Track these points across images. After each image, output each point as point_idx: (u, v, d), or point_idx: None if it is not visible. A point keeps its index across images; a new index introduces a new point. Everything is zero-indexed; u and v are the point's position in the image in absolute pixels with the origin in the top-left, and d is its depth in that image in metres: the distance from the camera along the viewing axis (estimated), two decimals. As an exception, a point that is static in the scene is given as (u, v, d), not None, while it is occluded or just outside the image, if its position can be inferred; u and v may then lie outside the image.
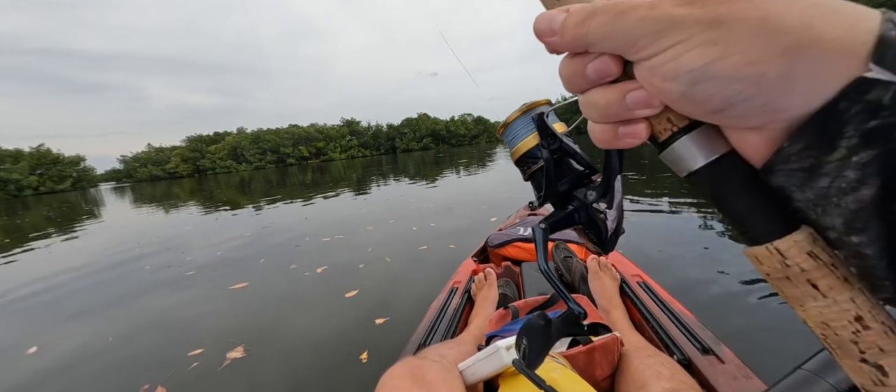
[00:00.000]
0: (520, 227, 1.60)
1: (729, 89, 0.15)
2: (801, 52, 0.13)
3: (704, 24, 0.14)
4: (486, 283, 1.21)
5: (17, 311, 2.84)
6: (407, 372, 0.58)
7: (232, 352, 1.80)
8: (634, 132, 0.19)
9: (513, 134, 0.31)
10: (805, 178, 0.15)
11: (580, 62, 0.19)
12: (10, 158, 47.96)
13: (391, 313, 1.98)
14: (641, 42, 0.16)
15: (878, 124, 0.13)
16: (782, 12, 0.13)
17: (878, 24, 0.13)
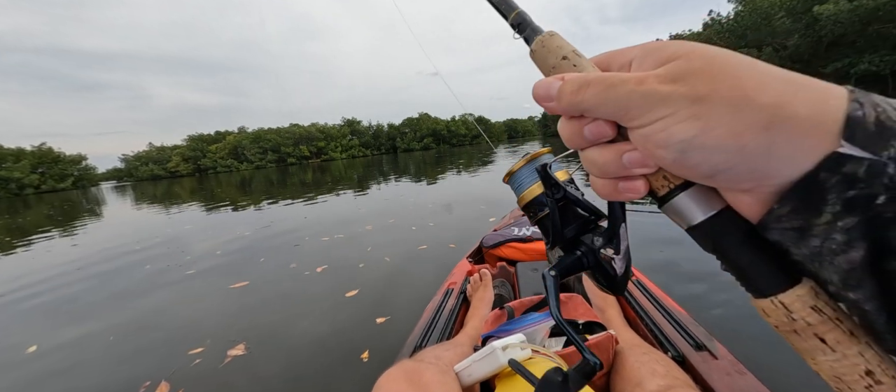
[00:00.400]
0: (514, 228, 1.61)
1: (716, 158, 0.16)
2: (778, 127, 0.15)
3: (689, 100, 0.16)
4: (481, 283, 1.21)
5: (17, 309, 2.86)
6: (403, 375, 0.59)
7: (233, 350, 1.82)
8: (634, 188, 0.20)
9: (518, 182, 0.33)
10: (798, 237, 0.16)
11: (577, 124, 0.20)
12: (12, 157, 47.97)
13: (392, 313, 2.00)
14: (633, 113, 0.17)
15: (856, 194, 0.14)
16: (757, 90, 0.15)
17: (845, 102, 0.15)
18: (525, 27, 0.28)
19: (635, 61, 0.19)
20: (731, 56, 0.16)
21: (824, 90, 0.15)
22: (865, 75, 17.69)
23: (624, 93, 0.18)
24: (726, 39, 25.15)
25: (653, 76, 0.17)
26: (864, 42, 17.69)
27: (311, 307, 2.25)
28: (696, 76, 0.16)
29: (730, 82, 0.16)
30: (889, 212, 0.14)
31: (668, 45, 0.18)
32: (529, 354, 0.68)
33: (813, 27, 19.04)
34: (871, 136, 0.14)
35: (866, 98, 0.15)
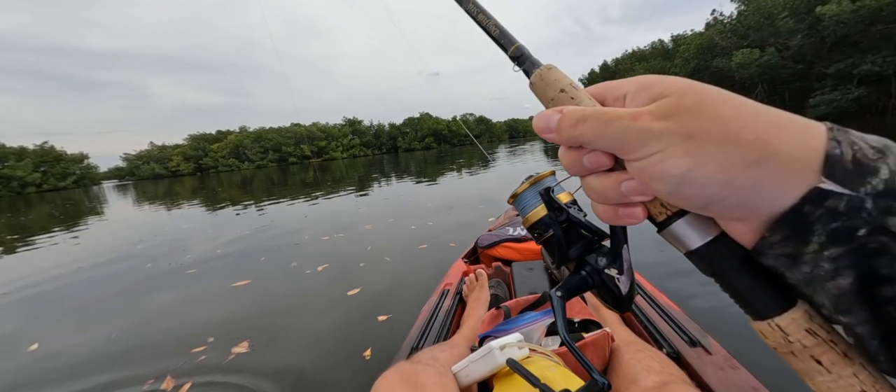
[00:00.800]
0: (509, 228, 1.61)
1: (708, 191, 0.17)
2: (764, 164, 0.16)
3: (680, 137, 0.17)
4: (477, 284, 1.21)
5: (19, 308, 2.87)
6: (400, 377, 0.59)
7: (237, 347, 1.84)
8: (633, 214, 0.21)
9: (522, 204, 0.34)
10: (790, 263, 0.17)
11: (577, 154, 0.21)
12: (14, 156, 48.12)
13: (393, 311, 2.01)
14: (628, 147, 0.18)
15: (839, 226, 0.15)
16: (742, 129, 0.16)
17: (824, 141, 0.16)
18: (524, 60, 0.29)
19: (629, 95, 0.20)
20: (719, 94, 0.17)
21: (805, 128, 0.16)
22: (868, 75, 17.59)
23: (620, 128, 0.18)
24: (728, 39, 25.03)
25: (646, 113, 0.18)
26: (868, 42, 17.59)
27: (313, 306, 2.26)
28: (686, 114, 0.17)
29: (717, 121, 0.16)
30: (872, 243, 0.15)
31: (660, 81, 0.19)
32: (527, 353, 0.68)
33: (816, 27, 18.94)
34: (849, 173, 0.15)
35: (844, 136, 0.16)
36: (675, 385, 0.59)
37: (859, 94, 18.15)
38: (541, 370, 0.59)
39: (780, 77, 22.34)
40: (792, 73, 21.75)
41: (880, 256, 0.15)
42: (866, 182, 0.15)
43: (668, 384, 0.59)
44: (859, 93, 18.15)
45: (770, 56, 21.64)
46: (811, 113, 19.83)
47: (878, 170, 0.15)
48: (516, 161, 12.80)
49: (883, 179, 0.15)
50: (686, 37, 35.78)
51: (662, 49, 44.50)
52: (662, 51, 44.09)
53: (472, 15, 0.34)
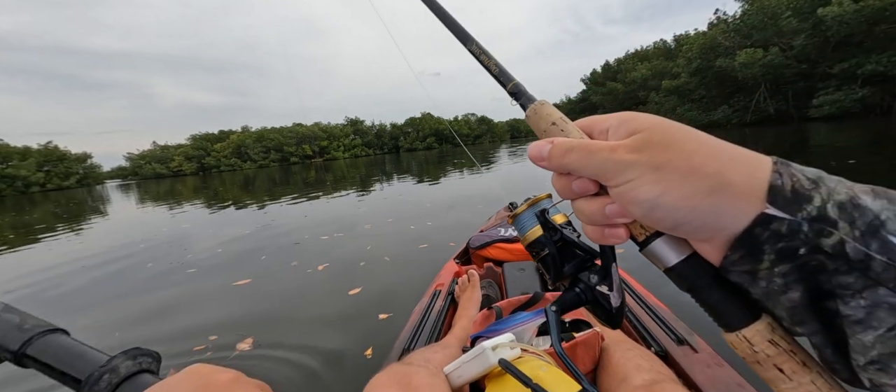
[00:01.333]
0: (501, 229, 1.62)
1: (675, 215, 0.20)
2: (720, 192, 0.18)
3: (650, 167, 0.20)
4: (469, 284, 1.22)
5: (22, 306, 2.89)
6: (392, 379, 0.59)
7: (241, 343, 1.86)
8: (616, 234, 0.24)
9: (521, 224, 0.36)
10: (750, 279, 0.19)
11: (566, 180, 0.24)
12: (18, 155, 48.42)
13: (394, 310, 2.03)
14: (608, 175, 0.21)
15: (784, 246, 0.17)
16: (703, 163, 0.19)
17: (769, 173, 0.18)
18: (520, 95, 0.32)
19: (611, 129, 0.23)
20: (684, 131, 0.20)
21: (754, 162, 0.19)
22: (873, 75, 17.45)
23: (600, 159, 0.21)
24: (732, 39, 24.89)
25: (622, 146, 0.21)
26: (872, 42, 17.47)
27: (315, 304, 2.28)
28: (655, 148, 0.20)
29: (682, 155, 0.19)
30: (812, 262, 0.17)
31: (635, 118, 0.22)
32: (519, 354, 0.68)
33: (820, 27, 18.81)
34: (789, 200, 0.17)
35: (785, 169, 0.18)
36: (665, 383, 0.59)
37: (863, 94, 18.00)
38: (533, 370, 0.59)
39: (783, 77, 22.19)
40: (795, 73, 21.61)
41: (820, 273, 0.17)
42: (803, 208, 0.17)
43: (658, 383, 0.60)
44: (863, 93, 18.00)
45: (773, 56, 21.51)
46: (815, 113, 19.74)
47: (813, 198, 0.17)
48: (517, 161, 12.78)
49: (816, 206, 0.17)
50: (689, 36, 35.63)
51: (665, 49, 44.34)
52: (665, 50, 43.93)
53: (476, 55, 0.37)
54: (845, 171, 4.72)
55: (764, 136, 12.79)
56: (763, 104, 24.08)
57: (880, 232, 0.16)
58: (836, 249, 0.16)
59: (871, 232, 0.16)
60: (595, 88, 51.27)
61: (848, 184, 0.18)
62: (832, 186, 0.18)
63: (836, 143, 8.27)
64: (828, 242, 0.17)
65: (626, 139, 0.21)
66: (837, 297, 0.17)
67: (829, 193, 0.17)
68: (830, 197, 0.17)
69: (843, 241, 0.16)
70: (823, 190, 0.17)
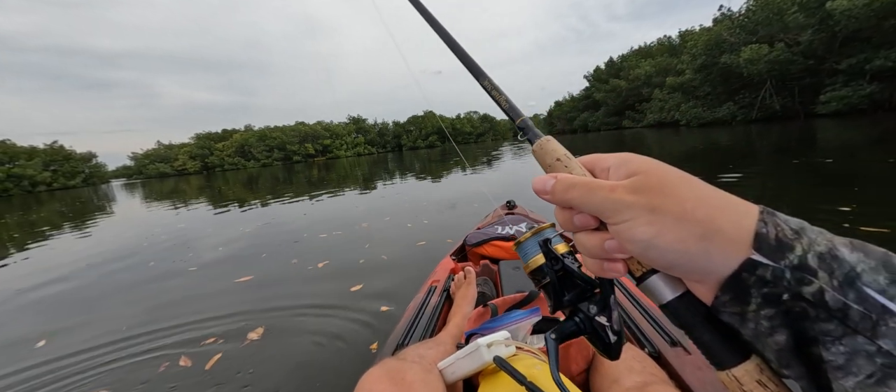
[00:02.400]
0: (498, 226, 1.60)
1: (669, 256, 0.21)
2: (711, 238, 0.19)
3: (646, 209, 0.21)
4: (464, 281, 1.21)
5: (27, 303, 2.92)
6: (385, 374, 0.58)
7: (252, 333, 1.89)
8: (615, 268, 0.25)
9: (524, 252, 0.37)
10: (740, 320, 0.20)
11: (569, 214, 0.25)
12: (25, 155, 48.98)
13: (395, 305, 2.05)
14: (607, 213, 0.23)
15: (769, 291, 0.18)
16: (695, 208, 0.20)
17: (755, 221, 0.19)
18: (528, 131, 0.34)
19: (612, 169, 0.24)
20: (679, 177, 0.21)
21: (743, 209, 0.20)
22: (881, 71, 17.19)
23: (600, 197, 0.23)
24: (737, 35, 24.62)
25: (621, 186, 0.22)
26: (881, 37, 17.18)
27: (318, 300, 2.30)
28: (651, 191, 0.21)
29: (676, 200, 0.20)
30: (796, 307, 0.18)
31: (634, 160, 0.23)
32: (514, 351, 0.67)
33: (827, 22, 18.55)
34: (773, 248, 0.18)
35: (770, 218, 0.19)
36: (657, 385, 0.59)
37: (871, 90, 17.74)
38: (527, 368, 0.58)
39: (789, 73, 21.91)
40: (802, 69, 21.33)
41: (804, 319, 0.18)
42: (786, 256, 0.18)
43: (650, 384, 0.59)
44: (871, 89, 17.74)
45: (779, 52, 21.25)
46: (822, 110, 19.50)
47: (794, 247, 0.18)
48: (518, 160, 12.74)
49: (798, 255, 0.18)
50: (693, 33, 35.31)
51: (669, 45, 43.96)
52: (669, 47, 43.56)
53: (488, 90, 0.39)
54: (847, 169, 4.66)
55: (769, 133, 12.64)
56: (769, 101, 23.83)
57: (856, 283, 0.17)
58: (816, 297, 0.17)
59: (848, 282, 0.17)
60: (598, 85, 50.97)
61: (828, 235, 0.19)
62: (813, 237, 0.18)
63: (843, 140, 8.16)
64: (809, 290, 0.17)
65: (625, 180, 0.22)
66: (820, 343, 0.17)
67: (810, 244, 0.18)
68: (811, 247, 0.18)
69: (822, 289, 0.17)
70: (805, 240, 0.18)
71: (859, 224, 2.50)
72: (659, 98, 35.93)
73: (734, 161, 6.56)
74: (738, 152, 7.98)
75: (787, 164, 5.56)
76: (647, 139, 17.18)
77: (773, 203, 3.37)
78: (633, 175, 0.22)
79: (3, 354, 2.04)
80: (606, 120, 49.85)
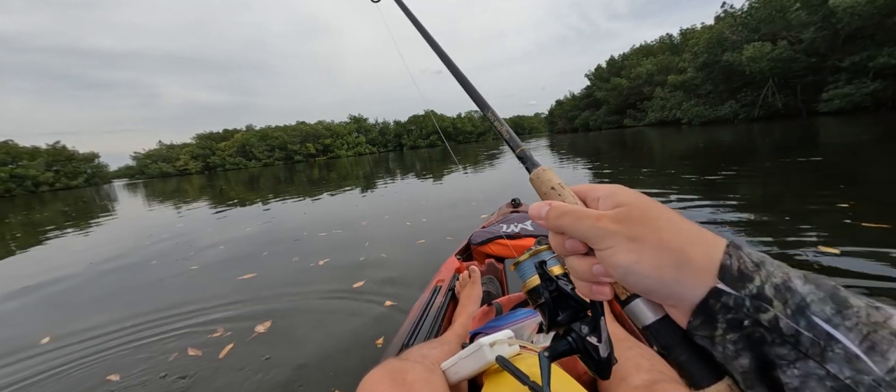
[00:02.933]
0: (503, 225, 1.59)
1: (646, 282, 0.23)
2: (683, 267, 0.22)
3: (626, 237, 0.23)
4: (469, 280, 1.21)
5: (33, 302, 2.93)
6: (386, 375, 0.58)
7: (260, 326, 1.92)
8: (602, 291, 0.27)
9: (522, 271, 0.39)
10: (710, 343, 0.22)
11: (561, 238, 0.27)
12: (27, 155, 49.15)
13: (399, 301, 2.06)
14: (593, 240, 0.25)
15: (732, 317, 0.21)
16: (669, 239, 0.22)
17: (721, 253, 0.21)
18: (526, 160, 0.36)
19: (602, 199, 0.26)
20: (659, 210, 0.24)
21: (712, 242, 0.22)
22: (884, 68, 17.05)
23: (587, 225, 0.25)
24: (739, 33, 24.49)
25: (606, 216, 0.24)
26: (884, 34, 17.06)
27: (321, 296, 2.32)
28: (632, 222, 0.23)
29: (653, 230, 0.23)
30: (756, 333, 0.20)
31: (620, 193, 0.26)
32: (517, 351, 0.67)
33: (830, 19, 18.43)
34: (735, 278, 0.21)
35: (735, 252, 0.22)
36: (665, 383, 0.58)
37: (875, 87, 17.62)
38: (530, 367, 0.58)
39: (791, 71, 21.80)
40: (804, 67, 21.21)
41: (763, 344, 0.20)
42: (746, 286, 0.20)
43: (658, 383, 0.58)
44: (875, 86, 17.62)
45: (782, 49, 21.14)
46: (824, 108, 19.38)
47: (754, 278, 0.20)
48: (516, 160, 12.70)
49: (756, 285, 0.20)
50: (695, 31, 35.15)
51: (670, 43, 43.79)
52: (670, 45, 43.38)
53: (491, 121, 0.42)
54: (849, 167, 4.64)
55: (772, 131, 12.58)
56: (771, 99, 23.71)
57: (806, 312, 0.19)
58: (771, 324, 0.19)
59: (799, 311, 0.19)
60: (600, 84, 50.82)
61: (785, 269, 0.21)
62: (771, 270, 0.21)
63: (845, 138, 8.12)
64: (765, 317, 0.19)
65: (610, 210, 0.25)
66: (778, 367, 0.19)
67: (768, 275, 0.20)
68: (769, 278, 0.20)
69: (777, 317, 0.19)
70: (763, 272, 0.20)
71: (860, 220, 2.50)
72: (660, 96, 35.80)
73: (735, 159, 6.53)
74: (740, 151, 7.95)
75: (789, 161, 5.53)
76: (649, 138, 17.11)
77: (775, 201, 3.35)
78: (618, 206, 0.25)
79: (12, 352, 2.05)
80: (608, 118, 49.69)
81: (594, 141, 20.12)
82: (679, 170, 6.14)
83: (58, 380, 1.72)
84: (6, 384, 1.74)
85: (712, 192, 3.98)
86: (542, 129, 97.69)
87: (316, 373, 1.53)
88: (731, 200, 3.53)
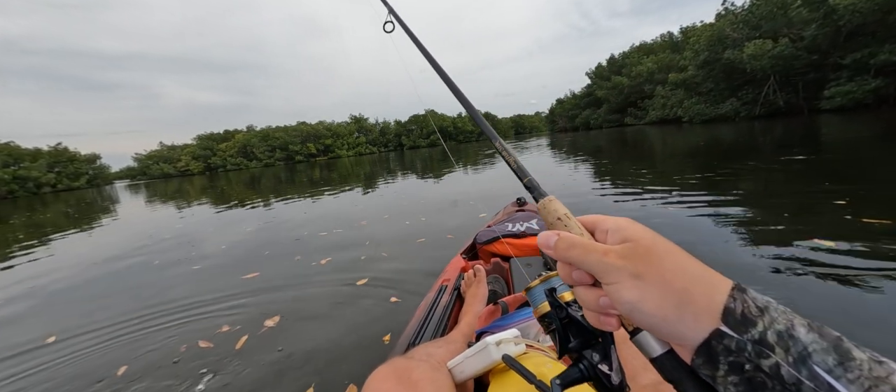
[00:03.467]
0: (508, 224, 1.59)
1: (650, 320, 0.23)
2: (685, 307, 0.22)
3: (631, 274, 0.23)
4: (475, 280, 1.21)
5: (39, 302, 2.94)
6: (392, 373, 0.58)
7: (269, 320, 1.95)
8: (609, 323, 0.27)
9: (533, 297, 0.39)
10: (713, 381, 0.22)
11: (569, 269, 0.28)
12: (29, 157, 49.23)
13: (402, 298, 2.09)
14: (599, 273, 0.25)
15: (733, 360, 0.21)
16: (673, 279, 0.23)
17: (725, 297, 0.22)
18: (534, 189, 0.36)
19: (610, 233, 0.27)
20: (664, 248, 0.24)
21: (715, 284, 0.22)
22: (886, 66, 16.98)
23: (594, 259, 0.25)
24: (740, 30, 24.40)
25: (613, 251, 0.25)
26: (885, 32, 16.98)
27: (327, 292, 2.36)
28: (637, 258, 0.24)
29: (657, 269, 0.23)
30: (757, 377, 0.20)
31: (628, 228, 0.26)
32: (524, 349, 0.67)
33: (831, 17, 18.36)
34: (738, 322, 0.21)
35: (740, 295, 0.22)
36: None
37: (877, 84, 17.55)
38: (537, 366, 0.58)
39: (793, 68, 21.71)
40: (806, 64, 21.13)
41: (764, 389, 0.19)
42: (748, 330, 0.20)
43: (664, 383, 0.58)
44: (876, 83, 17.55)
45: (783, 47, 21.05)
46: (826, 105, 19.30)
47: (757, 323, 0.20)
48: (522, 157, 12.71)
49: (759, 331, 0.20)
50: (696, 28, 35.02)
51: (671, 41, 43.64)
52: (671, 43, 43.24)
53: (499, 151, 0.44)
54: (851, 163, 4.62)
55: (773, 129, 12.53)
56: (772, 97, 23.63)
57: (808, 361, 0.19)
58: (773, 371, 0.19)
59: (801, 360, 0.19)
60: (600, 83, 50.69)
61: (790, 315, 0.21)
62: (775, 316, 0.21)
63: (847, 135, 8.09)
64: (767, 363, 0.19)
65: (618, 245, 0.25)
66: None
67: (772, 321, 0.20)
68: (772, 324, 0.20)
69: (779, 364, 0.19)
70: (767, 317, 0.21)
71: (861, 215, 2.51)
72: (661, 95, 35.70)
73: (736, 156, 6.52)
74: (741, 148, 7.93)
75: (790, 159, 5.52)
76: (650, 136, 17.06)
77: (776, 198, 3.35)
78: (625, 241, 0.25)
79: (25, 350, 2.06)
80: (608, 117, 49.58)
81: (595, 139, 20.07)
82: (680, 167, 6.13)
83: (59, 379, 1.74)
84: (12, 384, 1.75)
85: (713, 188, 4.00)
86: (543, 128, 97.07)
87: (328, 364, 1.58)
88: (730, 196, 3.54)
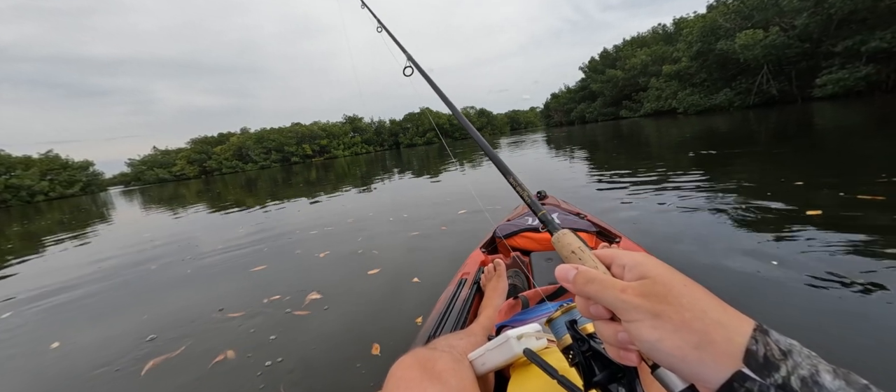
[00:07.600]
0: (528, 218, 1.57)
1: (670, 360, 0.23)
2: (704, 349, 0.22)
3: (650, 313, 0.23)
4: (495, 273, 1.21)
5: (42, 309, 2.90)
6: (416, 363, 0.58)
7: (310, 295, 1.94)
8: (629, 358, 0.27)
9: (556, 330, 0.38)
10: None
11: (587, 303, 0.28)
12: (21, 165, 48.57)
13: (403, 296, 2.09)
14: (617, 310, 0.25)
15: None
16: (693, 319, 0.22)
17: (747, 338, 0.21)
18: (549, 223, 0.36)
19: (627, 268, 0.27)
20: (682, 286, 0.24)
21: (735, 325, 0.22)
22: (877, 53, 17.11)
23: (612, 295, 0.25)
24: (732, 20, 24.49)
25: (631, 288, 0.25)
26: (876, 19, 17.10)
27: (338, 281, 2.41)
28: (656, 297, 0.24)
29: (676, 309, 0.23)
30: None
31: (645, 264, 0.26)
32: (545, 344, 0.68)
33: (822, 5, 18.46)
34: (761, 365, 0.20)
35: (762, 337, 0.21)
36: None
37: (868, 71, 17.71)
38: (559, 361, 0.57)
39: (785, 57, 21.85)
40: (798, 53, 21.26)
41: None
42: (771, 374, 0.20)
43: None
44: (868, 71, 17.70)
45: (775, 36, 21.16)
46: (819, 93, 19.44)
47: (780, 367, 0.20)
48: (518, 153, 12.72)
49: (782, 376, 0.20)
50: (688, 19, 35.10)
51: (664, 33, 43.73)
52: (664, 35, 43.32)
53: (513, 185, 0.46)
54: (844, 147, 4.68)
55: (767, 118, 12.62)
56: (766, 86, 23.76)
57: None
58: None
59: None
60: (594, 76, 50.72)
61: (815, 360, 0.20)
62: (799, 361, 0.20)
63: (840, 121, 8.17)
64: None
65: (635, 282, 0.25)
66: None
67: (795, 366, 0.20)
68: (795, 370, 0.20)
69: None
70: (790, 362, 0.20)
71: (856, 193, 2.59)
72: (656, 87, 35.80)
73: (731, 144, 6.55)
74: (735, 137, 7.97)
75: (786, 146, 5.58)
76: (646, 128, 17.12)
77: (772, 184, 3.36)
78: (643, 278, 0.25)
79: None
80: (604, 110, 49.65)
81: (590, 133, 20.09)
82: (675, 157, 6.16)
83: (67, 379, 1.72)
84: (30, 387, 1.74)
85: (708, 173, 4.07)
86: (538, 123, 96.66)
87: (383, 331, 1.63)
88: (727, 182, 3.60)
